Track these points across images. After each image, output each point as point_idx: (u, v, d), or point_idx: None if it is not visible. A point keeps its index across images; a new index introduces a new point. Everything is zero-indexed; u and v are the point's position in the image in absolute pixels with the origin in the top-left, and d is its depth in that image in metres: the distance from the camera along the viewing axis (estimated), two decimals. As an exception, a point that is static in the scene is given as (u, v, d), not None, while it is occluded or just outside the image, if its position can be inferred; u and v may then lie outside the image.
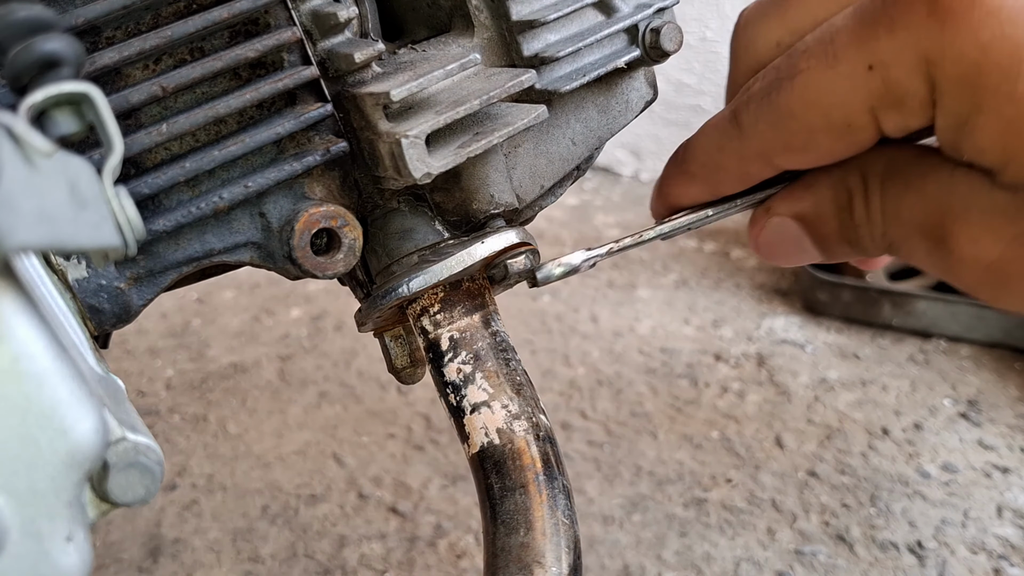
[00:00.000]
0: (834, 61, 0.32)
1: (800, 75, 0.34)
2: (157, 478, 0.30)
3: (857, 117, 0.33)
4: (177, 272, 0.43)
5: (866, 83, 0.32)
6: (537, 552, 0.41)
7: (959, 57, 0.29)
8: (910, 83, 0.31)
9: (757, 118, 0.36)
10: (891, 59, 0.31)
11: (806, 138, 0.35)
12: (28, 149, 0.24)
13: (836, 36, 0.33)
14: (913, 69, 0.31)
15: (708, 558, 0.96)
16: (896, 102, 0.32)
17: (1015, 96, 0.29)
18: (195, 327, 1.47)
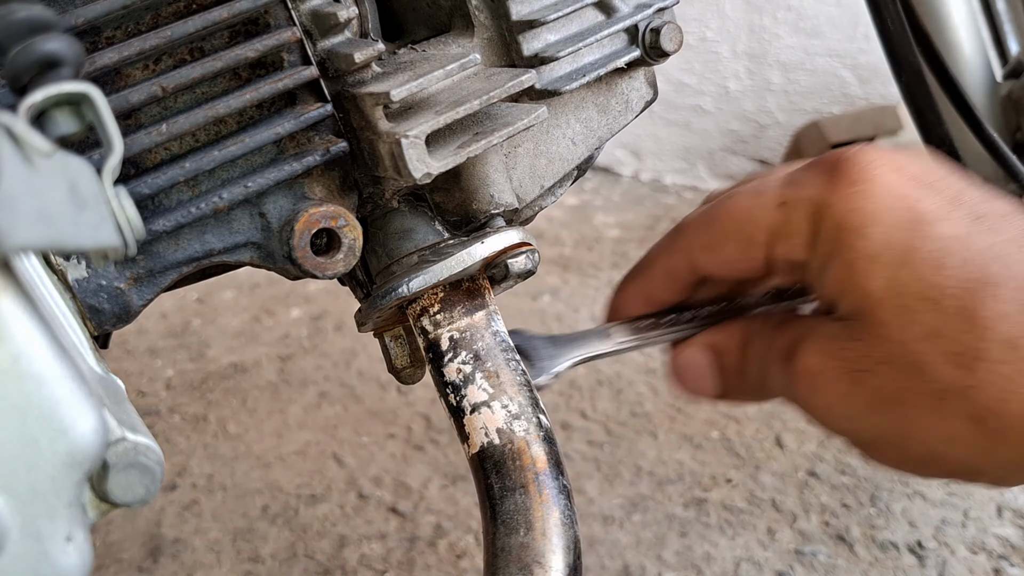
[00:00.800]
0: (760, 194, 0.42)
1: (734, 197, 0.43)
2: (157, 478, 0.30)
3: (758, 236, 0.42)
4: (177, 272, 0.43)
5: (774, 214, 0.41)
6: (537, 552, 0.41)
7: (833, 215, 0.39)
8: (801, 224, 0.41)
9: (692, 220, 0.45)
10: (794, 202, 0.41)
11: (719, 241, 0.44)
12: (28, 149, 0.24)
13: (770, 180, 0.43)
14: (805, 216, 0.40)
15: (708, 558, 0.96)
16: (788, 235, 0.41)
17: (855, 248, 0.38)
18: (195, 327, 1.47)
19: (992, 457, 0.38)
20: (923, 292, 0.37)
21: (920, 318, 0.37)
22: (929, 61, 0.71)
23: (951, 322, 0.36)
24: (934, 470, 0.41)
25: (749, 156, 1.91)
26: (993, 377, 0.36)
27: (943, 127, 0.72)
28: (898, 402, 0.38)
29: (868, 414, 0.39)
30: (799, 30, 1.80)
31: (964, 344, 0.36)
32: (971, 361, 0.36)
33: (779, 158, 1.79)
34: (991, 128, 0.73)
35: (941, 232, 0.37)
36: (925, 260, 0.37)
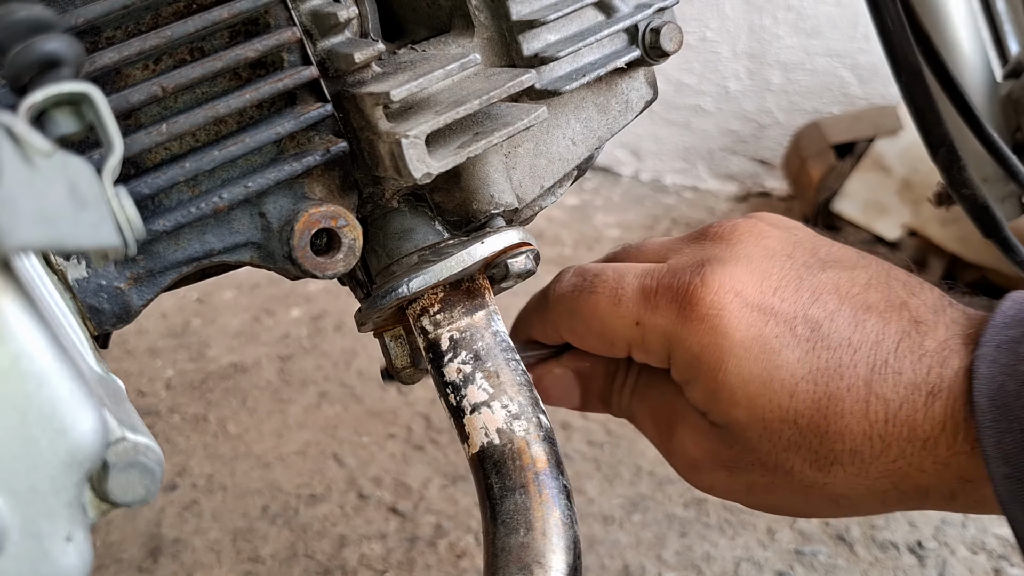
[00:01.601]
0: (618, 303, 0.47)
1: (594, 295, 0.48)
2: (157, 478, 0.30)
3: (618, 343, 0.48)
4: (177, 272, 0.43)
5: (631, 330, 0.47)
6: (537, 552, 0.41)
7: (688, 347, 0.45)
8: (656, 346, 0.46)
9: (558, 303, 0.50)
10: (649, 326, 0.46)
11: (582, 334, 0.50)
12: (28, 149, 0.24)
13: (626, 287, 0.47)
14: (660, 340, 0.46)
15: (708, 558, 0.96)
16: (645, 351, 0.47)
17: (716, 380, 0.44)
18: (195, 327, 1.47)
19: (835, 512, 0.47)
20: (782, 416, 0.44)
21: (782, 435, 0.44)
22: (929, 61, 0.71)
23: (807, 436, 0.44)
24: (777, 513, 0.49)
25: (749, 156, 1.91)
26: (843, 475, 0.44)
27: (943, 127, 0.72)
28: (771, 490, 0.46)
29: (746, 493, 0.47)
30: (799, 30, 1.80)
31: (820, 453, 0.43)
32: (827, 465, 0.44)
33: (779, 158, 1.79)
34: (991, 128, 0.73)
35: (787, 359, 0.43)
36: (779, 389, 0.43)
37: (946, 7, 0.85)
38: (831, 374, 0.43)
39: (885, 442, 0.42)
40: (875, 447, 0.43)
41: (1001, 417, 0.39)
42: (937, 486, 0.43)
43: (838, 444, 0.43)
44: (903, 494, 0.44)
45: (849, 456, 0.43)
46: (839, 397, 0.43)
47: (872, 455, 0.43)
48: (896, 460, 0.42)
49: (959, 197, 0.73)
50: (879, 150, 1.48)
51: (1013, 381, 0.39)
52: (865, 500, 0.45)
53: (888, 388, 0.43)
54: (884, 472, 0.43)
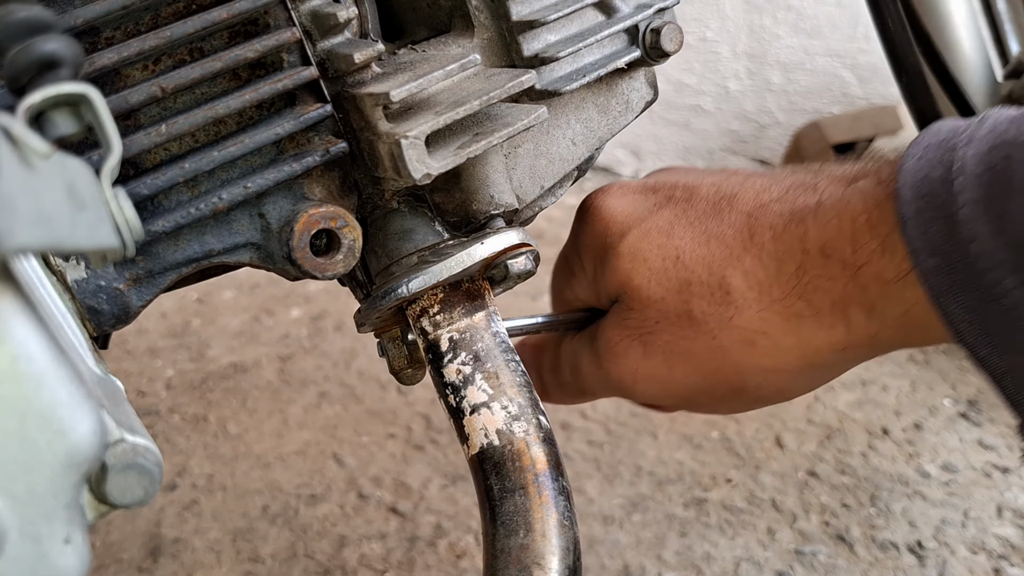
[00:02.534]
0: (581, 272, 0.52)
1: (573, 276, 0.53)
2: (156, 479, 0.30)
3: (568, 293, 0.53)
4: (176, 273, 0.43)
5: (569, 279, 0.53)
6: (537, 553, 0.41)
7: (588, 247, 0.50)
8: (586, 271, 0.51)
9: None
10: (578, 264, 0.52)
11: (555, 300, 0.55)
12: (26, 150, 0.24)
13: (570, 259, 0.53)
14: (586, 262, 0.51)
15: (708, 558, 0.96)
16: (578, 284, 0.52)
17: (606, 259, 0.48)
18: (195, 327, 1.47)
19: (781, 370, 0.44)
20: (664, 256, 0.45)
21: (669, 276, 0.44)
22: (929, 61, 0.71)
23: (695, 271, 0.44)
24: (752, 401, 0.47)
25: (749, 156, 1.91)
26: (746, 303, 0.43)
27: (943, 127, 0.72)
28: (686, 352, 0.45)
29: (668, 370, 0.46)
30: (799, 30, 1.80)
31: (712, 285, 0.43)
32: (724, 296, 0.43)
33: (779, 158, 1.79)
34: (991, 128, 0.73)
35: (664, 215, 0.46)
36: (656, 235, 0.45)
37: (946, 7, 0.85)
38: (709, 214, 0.45)
39: (778, 259, 0.42)
40: (768, 267, 0.42)
41: (926, 207, 0.38)
42: (854, 296, 0.41)
43: (727, 270, 0.43)
44: (819, 315, 0.42)
45: (743, 280, 0.43)
46: (719, 232, 0.44)
47: (768, 276, 0.43)
48: (798, 273, 0.42)
49: (959, 197, 0.73)
50: (879, 150, 1.48)
51: (940, 169, 0.38)
52: (786, 333, 0.43)
53: (773, 210, 0.43)
54: (788, 290, 0.42)
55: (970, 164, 0.37)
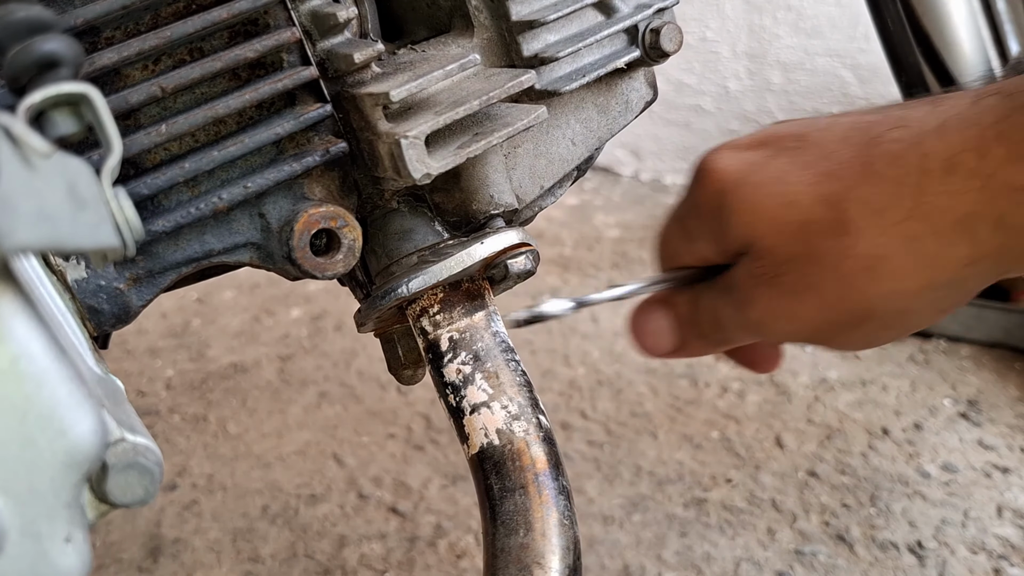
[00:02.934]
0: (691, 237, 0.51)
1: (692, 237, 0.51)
2: (156, 479, 0.30)
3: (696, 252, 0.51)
4: (176, 273, 0.43)
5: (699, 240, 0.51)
6: (536, 553, 0.41)
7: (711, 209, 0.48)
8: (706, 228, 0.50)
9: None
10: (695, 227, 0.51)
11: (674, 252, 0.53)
12: (27, 150, 0.24)
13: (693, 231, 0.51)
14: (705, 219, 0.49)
15: (708, 558, 0.96)
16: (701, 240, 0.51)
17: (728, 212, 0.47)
18: (195, 327, 1.47)
19: (906, 292, 0.44)
20: (780, 202, 0.45)
21: (789, 220, 0.45)
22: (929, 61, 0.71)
23: (814, 210, 0.44)
24: (881, 328, 0.47)
25: (749, 156, 1.91)
26: (866, 228, 0.43)
27: (943, 127, 0.72)
28: (814, 287, 0.46)
29: (801, 305, 0.46)
30: (799, 30, 1.80)
31: (831, 220, 0.44)
32: (842, 227, 0.44)
33: (779, 158, 1.79)
34: (991, 128, 0.73)
35: (777, 164, 0.46)
36: (772, 184, 0.46)
37: (946, 7, 0.85)
38: (821, 156, 0.45)
39: (895, 183, 0.42)
40: (884, 192, 0.43)
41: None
42: (980, 209, 0.41)
43: (843, 203, 0.44)
44: (942, 232, 0.42)
45: (860, 209, 0.43)
46: (833, 170, 0.45)
47: (884, 201, 0.43)
48: (915, 194, 0.42)
49: (959, 197, 0.73)
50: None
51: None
52: (905, 255, 0.43)
53: (890, 137, 0.43)
54: (906, 212, 0.42)
55: None
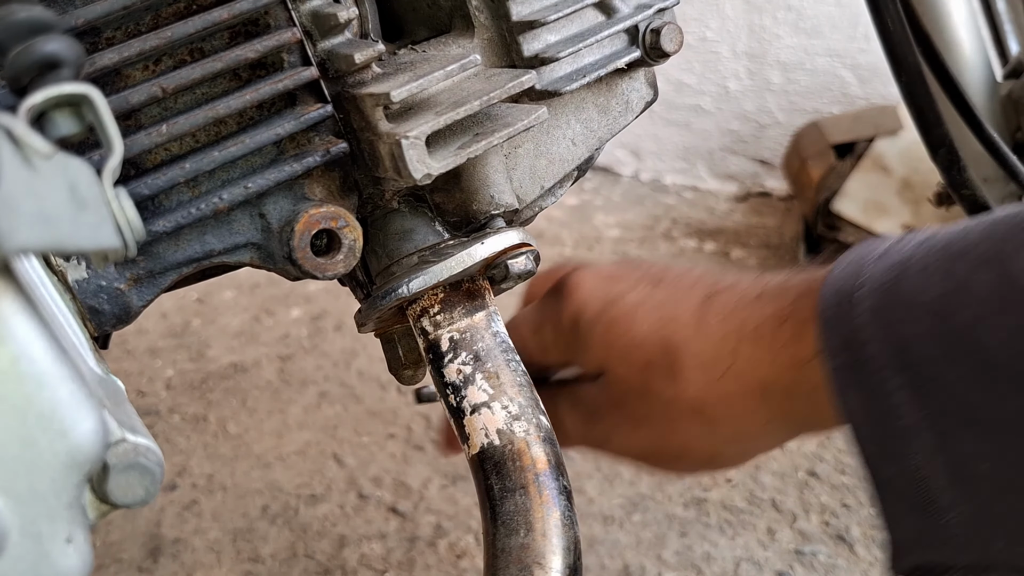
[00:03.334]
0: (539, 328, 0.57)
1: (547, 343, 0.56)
2: (157, 479, 0.30)
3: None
4: (177, 273, 0.43)
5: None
6: (537, 553, 0.41)
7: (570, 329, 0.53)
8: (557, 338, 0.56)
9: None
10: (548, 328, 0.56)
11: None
12: (28, 151, 0.24)
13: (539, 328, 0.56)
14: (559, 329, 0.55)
15: (708, 558, 0.96)
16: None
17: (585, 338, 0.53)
18: (195, 327, 1.47)
19: (717, 438, 0.51)
20: (629, 342, 0.51)
21: (634, 356, 0.51)
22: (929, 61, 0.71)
23: (654, 353, 0.50)
24: (694, 464, 0.54)
25: (749, 156, 1.91)
26: (693, 380, 0.49)
27: (943, 127, 0.72)
28: (647, 419, 0.52)
29: (634, 432, 0.53)
30: (799, 30, 1.80)
31: (666, 364, 0.50)
32: (677, 373, 0.50)
33: (779, 158, 1.79)
34: (991, 128, 0.73)
35: (629, 300, 0.52)
36: (623, 320, 0.51)
37: (946, 7, 0.85)
38: (667, 301, 0.52)
39: (721, 341, 0.49)
40: (711, 349, 0.49)
41: (837, 310, 0.44)
42: (774, 379, 0.47)
43: (680, 351, 0.50)
44: (748, 392, 0.48)
45: (691, 360, 0.50)
46: (676, 316, 0.51)
47: (710, 357, 0.49)
48: (733, 355, 0.48)
49: (959, 197, 0.73)
50: (879, 150, 1.48)
51: (852, 280, 0.44)
52: (722, 408, 0.49)
53: (722, 299, 0.50)
54: (724, 370, 0.49)
55: (873, 278, 0.43)
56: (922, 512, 0.42)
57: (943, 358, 0.40)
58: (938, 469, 0.41)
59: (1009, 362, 0.38)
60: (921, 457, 0.41)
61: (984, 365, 0.39)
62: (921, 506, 0.42)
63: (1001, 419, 0.39)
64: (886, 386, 0.41)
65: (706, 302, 0.51)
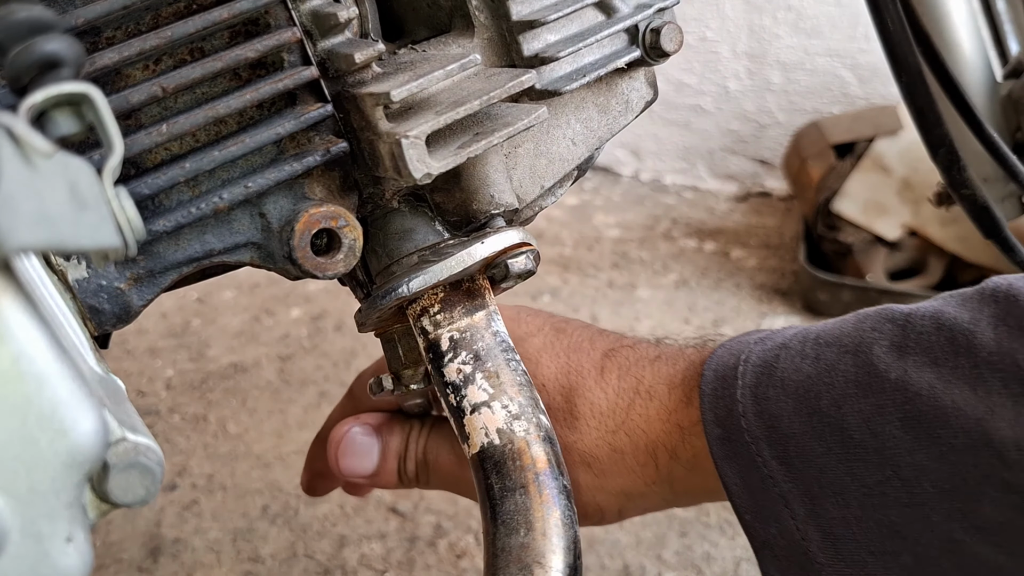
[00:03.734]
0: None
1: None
2: (157, 478, 0.30)
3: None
4: (177, 272, 0.43)
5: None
6: (537, 552, 0.41)
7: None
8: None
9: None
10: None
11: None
12: (28, 150, 0.24)
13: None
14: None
15: (708, 558, 0.96)
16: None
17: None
18: (195, 327, 1.47)
19: (603, 492, 0.52)
20: (536, 383, 0.50)
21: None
22: (929, 61, 0.71)
23: (555, 397, 0.52)
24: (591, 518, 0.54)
25: (749, 156, 1.91)
26: (588, 430, 0.51)
27: (943, 127, 0.72)
28: None
29: None
30: (799, 30, 1.80)
31: (566, 411, 0.51)
32: (573, 421, 0.51)
33: (779, 158, 1.79)
34: (991, 128, 0.73)
35: (534, 344, 0.53)
36: (526, 363, 0.51)
37: (946, 7, 0.85)
38: (572, 348, 0.53)
39: (617, 395, 0.51)
40: (608, 401, 0.51)
41: (718, 385, 0.47)
42: (662, 439, 0.50)
43: (579, 399, 0.51)
44: (637, 450, 0.50)
45: (589, 410, 0.51)
46: (579, 365, 0.52)
47: (607, 409, 0.51)
48: (628, 411, 0.51)
49: (959, 197, 0.73)
50: (879, 150, 1.48)
51: (735, 358, 0.48)
52: (611, 463, 0.51)
53: (623, 355, 0.53)
54: (619, 423, 0.51)
55: (753, 357, 0.47)
56: (800, 570, 0.45)
57: (809, 436, 0.44)
58: (811, 532, 0.44)
59: (866, 442, 0.42)
60: (795, 521, 0.44)
61: (844, 444, 0.43)
62: (799, 565, 0.45)
63: (862, 493, 0.42)
64: (760, 457, 0.45)
65: (608, 356, 0.53)
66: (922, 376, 0.41)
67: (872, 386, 0.42)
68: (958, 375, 0.40)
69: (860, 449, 0.42)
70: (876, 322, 0.45)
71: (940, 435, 0.40)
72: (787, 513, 0.45)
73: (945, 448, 0.40)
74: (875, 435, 0.42)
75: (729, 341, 0.50)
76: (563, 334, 0.55)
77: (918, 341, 0.42)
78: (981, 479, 0.39)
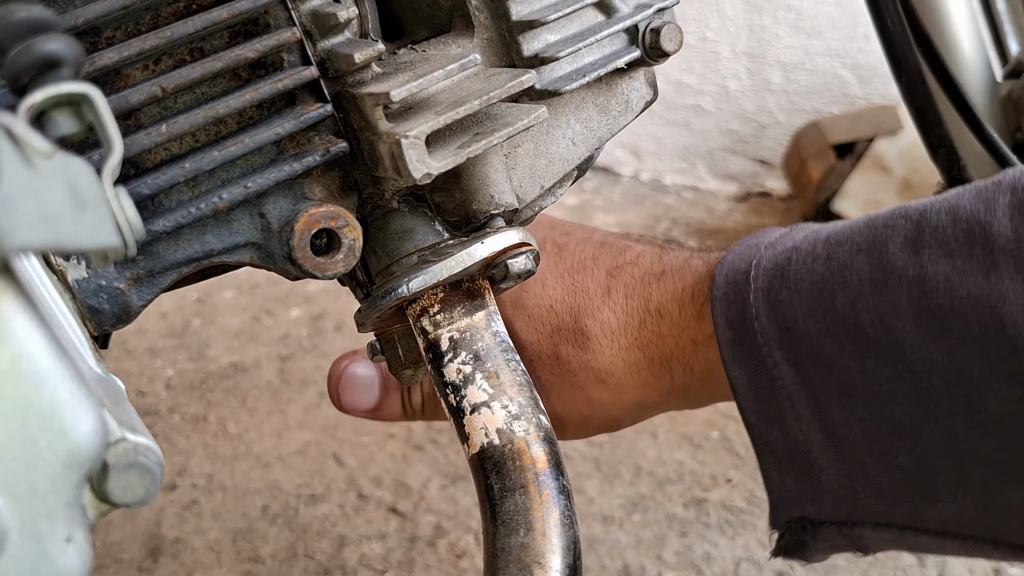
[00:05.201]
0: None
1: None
2: (157, 479, 0.30)
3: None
4: (177, 272, 0.43)
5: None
6: (537, 553, 0.41)
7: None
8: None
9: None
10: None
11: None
12: (28, 150, 0.24)
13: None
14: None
15: (708, 558, 0.96)
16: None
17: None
18: (195, 327, 1.47)
19: (620, 405, 0.53)
20: (539, 305, 0.53)
21: (544, 322, 0.53)
22: (929, 61, 0.71)
23: (563, 318, 0.52)
24: (595, 428, 0.55)
25: (749, 156, 1.91)
26: (600, 349, 0.51)
27: (943, 127, 0.72)
28: (553, 385, 0.53)
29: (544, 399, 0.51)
30: (799, 30, 1.80)
31: (576, 331, 0.52)
32: (585, 341, 0.52)
33: (779, 158, 1.79)
34: (991, 128, 0.73)
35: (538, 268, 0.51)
36: (535, 287, 0.53)
37: (946, 7, 0.85)
38: (576, 268, 0.53)
39: (627, 313, 0.52)
40: (619, 319, 0.52)
41: (730, 291, 0.47)
42: (676, 353, 0.50)
43: (588, 319, 0.52)
44: (652, 365, 0.51)
45: (600, 329, 0.52)
46: (584, 285, 0.53)
47: (618, 327, 0.52)
48: (640, 328, 0.51)
49: (959, 197, 0.73)
50: (879, 150, 1.48)
51: (745, 263, 0.48)
52: (627, 377, 0.52)
53: (628, 272, 0.53)
54: (632, 341, 0.51)
55: (764, 261, 0.47)
56: (800, 472, 0.46)
57: (822, 335, 0.44)
58: (815, 434, 0.45)
59: (880, 338, 0.42)
60: (800, 423, 0.45)
61: (858, 341, 0.43)
62: (799, 467, 0.46)
63: (871, 391, 0.43)
64: (771, 359, 0.45)
65: (611, 275, 0.53)
66: (937, 269, 0.41)
67: (887, 283, 0.42)
68: (973, 264, 0.40)
69: (874, 345, 0.42)
70: (889, 219, 0.45)
71: (952, 326, 0.40)
72: (792, 415, 0.45)
73: (955, 341, 0.40)
74: (889, 331, 0.42)
75: (738, 246, 0.50)
76: (565, 251, 0.55)
77: (933, 235, 0.42)
78: (988, 372, 0.40)
